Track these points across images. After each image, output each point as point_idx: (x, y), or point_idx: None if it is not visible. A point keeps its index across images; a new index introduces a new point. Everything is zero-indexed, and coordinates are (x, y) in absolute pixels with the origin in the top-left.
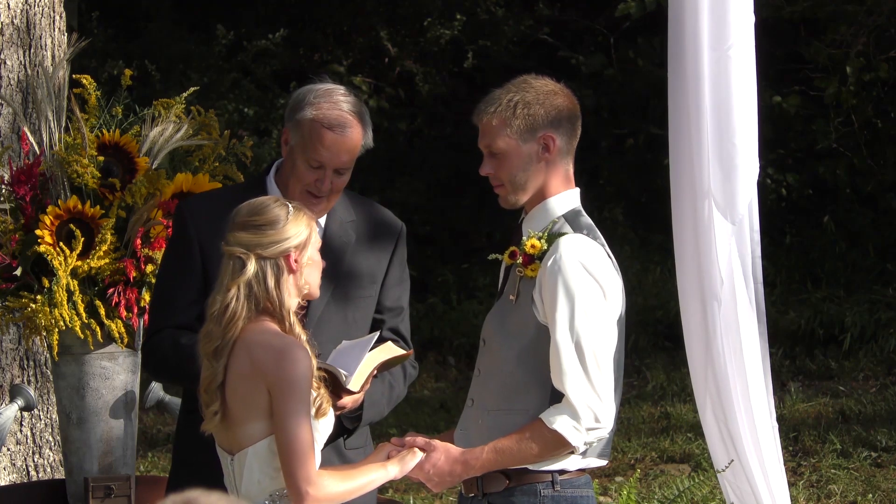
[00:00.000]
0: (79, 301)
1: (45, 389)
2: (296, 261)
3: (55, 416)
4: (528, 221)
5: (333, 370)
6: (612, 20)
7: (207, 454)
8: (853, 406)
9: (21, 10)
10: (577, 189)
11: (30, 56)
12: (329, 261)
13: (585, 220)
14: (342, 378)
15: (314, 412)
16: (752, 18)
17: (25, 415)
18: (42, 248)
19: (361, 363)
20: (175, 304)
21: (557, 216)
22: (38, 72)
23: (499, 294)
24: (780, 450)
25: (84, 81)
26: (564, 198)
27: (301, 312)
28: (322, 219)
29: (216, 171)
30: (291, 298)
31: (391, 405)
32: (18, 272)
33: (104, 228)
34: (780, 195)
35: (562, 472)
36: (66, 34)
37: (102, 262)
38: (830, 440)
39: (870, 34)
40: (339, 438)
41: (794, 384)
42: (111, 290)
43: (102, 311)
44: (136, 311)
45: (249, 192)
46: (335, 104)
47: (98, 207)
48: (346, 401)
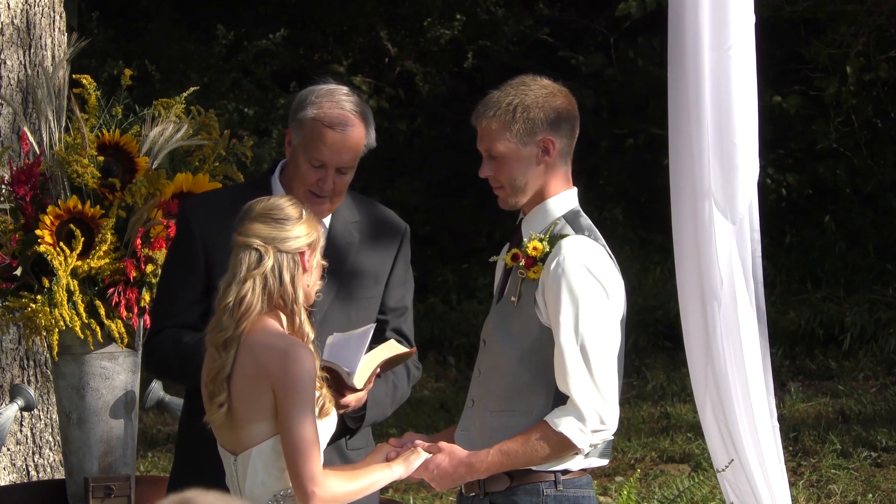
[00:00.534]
0: (79, 301)
1: (45, 389)
2: (308, 260)
3: (55, 416)
4: (528, 222)
5: (336, 367)
6: (612, 20)
7: (210, 454)
8: (853, 406)
9: (21, 10)
10: (575, 189)
11: (30, 56)
12: (333, 261)
13: (585, 221)
14: (345, 375)
15: (318, 412)
16: (753, 18)
17: (25, 415)
18: (42, 248)
19: (364, 360)
20: (177, 304)
21: (557, 217)
22: (38, 72)
23: (497, 295)
24: (781, 450)
25: (84, 81)
26: (563, 198)
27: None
28: (326, 219)
29: (216, 171)
30: (302, 296)
31: (395, 406)
32: (18, 272)
33: (104, 228)
34: (780, 195)
35: (565, 472)
36: (66, 34)
37: (102, 262)
38: (830, 440)
39: (870, 34)
40: (342, 438)
41: (794, 384)
42: (111, 290)
43: (102, 311)
44: (136, 311)
45: (253, 192)
46: (337, 103)
47: (98, 207)
48: (350, 399)
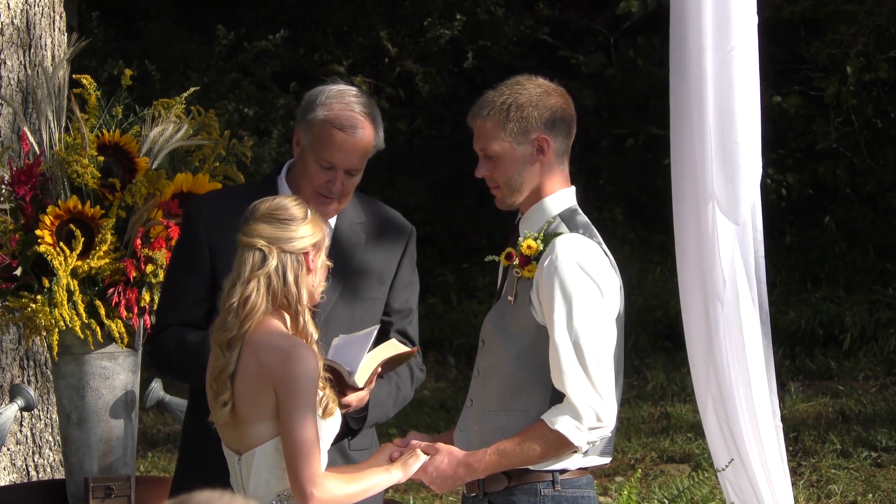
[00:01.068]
0: (79, 301)
1: (45, 389)
2: (312, 260)
3: (55, 416)
4: (525, 222)
5: (337, 366)
6: (613, 20)
7: (214, 453)
8: (853, 406)
9: (21, 10)
10: (573, 188)
11: (30, 56)
12: (338, 261)
13: (581, 219)
14: (346, 374)
15: (321, 412)
16: (756, 19)
17: (25, 415)
18: (42, 248)
19: (365, 359)
20: (182, 302)
21: (553, 216)
22: (38, 72)
23: (497, 295)
24: (784, 450)
25: (84, 81)
26: (560, 197)
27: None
28: (332, 220)
29: (216, 172)
30: (306, 296)
31: (397, 407)
32: (18, 272)
33: (104, 228)
34: (780, 195)
35: (562, 472)
36: (66, 34)
37: (102, 262)
38: (830, 440)
39: (870, 34)
40: (344, 439)
41: (794, 384)
42: (111, 290)
43: (102, 311)
44: (136, 311)
45: (259, 192)
46: (347, 105)
47: (98, 207)
48: (352, 399)
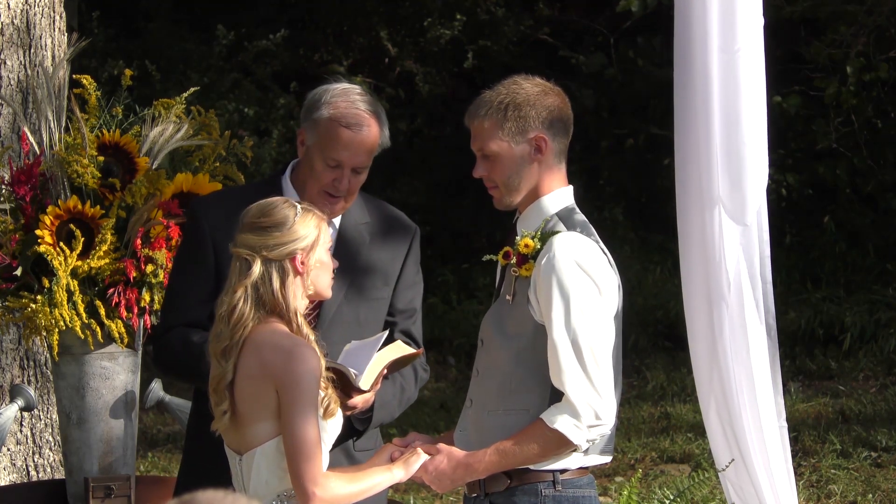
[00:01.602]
0: (79, 301)
1: (45, 389)
2: (302, 263)
3: (55, 416)
4: (523, 221)
5: (343, 369)
6: (613, 20)
7: (218, 455)
8: (853, 406)
9: (21, 10)
10: (570, 187)
11: (30, 56)
12: (343, 262)
13: (579, 218)
14: (352, 377)
15: (322, 412)
16: (762, 21)
17: (25, 415)
18: (42, 248)
19: (371, 362)
20: (187, 302)
21: (551, 214)
22: (38, 72)
23: (496, 294)
24: (789, 451)
25: (84, 81)
26: (557, 196)
27: (313, 313)
28: (337, 220)
29: (216, 172)
30: (298, 300)
31: (402, 407)
32: (18, 272)
33: (104, 228)
34: (780, 195)
35: (563, 472)
36: (66, 34)
37: (102, 263)
38: (830, 440)
39: (870, 34)
40: (349, 440)
41: (794, 384)
42: (111, 290)
43: (102, 311)
44: (136, 311)
45: (263, 192)
46: (352, 103)
47: (98, 207)
48: (357, 401)
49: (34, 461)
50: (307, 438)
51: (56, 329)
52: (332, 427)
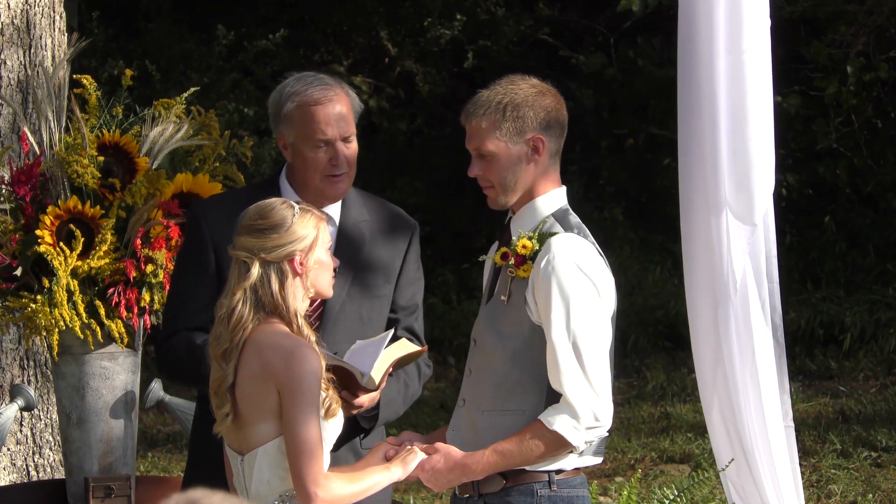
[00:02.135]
0: (79, 301)
1: (45, 389)
2: (301, 263)
3: (55, 416)
4: (517, 221)
5: (350, 368)
6: (613, 20)
7: (222, 457)
8: (853, 406)
9: (21, 10)
10: (564, 188)
11: (30, 56)
12: (344, 260)
13: (574, 219)
14: (359, 376)
15: (323, 413)
16: (768, 22)
17: (25, 415)
18: (42, 248)
19: (378, 360)
20: (189, 307)
21: (546, 215)
22: (38, 72)
23: (486, 294)
24: (795, 451)
25: (84, 81)
26: (552, 197)
27: (314, 313)
28: (336, 218)
29: (216, 172)
30: (298, 301)
31: (407, 404)
32: (18, 272)
33: (104, 228)
34: (780, 195)
35: (558, 472)
36: (66, 34)
37: (102, 262)
38: (830, 440)
39: (870, 34)
40: (356, 438)
41: (794, 384)
42: (111, 290)
43: (102, 311)
44: (136, 311)
45: (263, 193)
46: (310, 84)
47: (98, 207)
48: (363, 399)
49: (34, 461)
50: (309, 439)
51: (56, 329)
52: (333, 427)
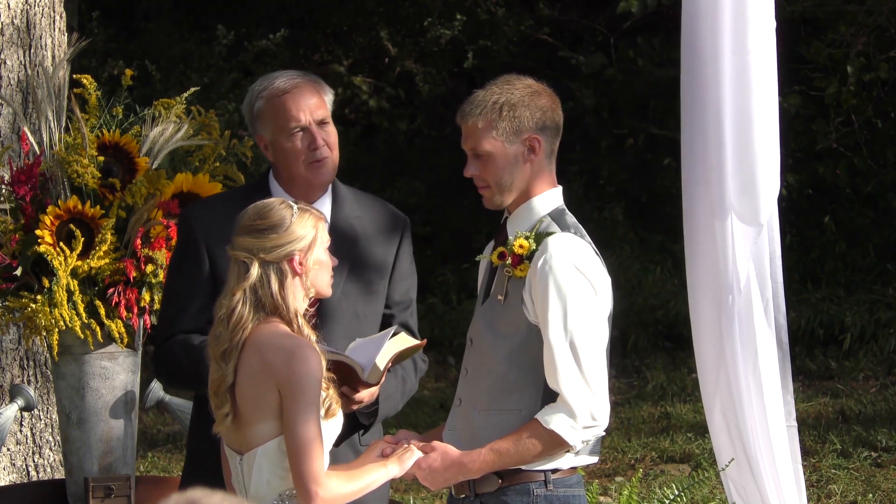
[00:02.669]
0: (79, 301)
1: (45, 389)
2: (300, 263)
3: (55, 416)
4: (513, 221)
5: (351, 363)
6: (612, 20)
7: (220, 457)
8: (853, 406)
9: (21, 10)
10: (560, 188)
11: (30, 56)
12: (338, 258)
13: (570, 219)
14: (360, 371)
15: (324, 413)
16: (774, 23)
17: (25, 415)
18: (42, 248)
19: (378, 355)
20: (185, 310)
21: (542, 215)
22: (38, 72)
23: (482, 294)
24: (799, 452)
25: (84, 81)
26: (548, 197)
27: (311, 310)
28: (328, 215)
29: (216, 172)
30: (298, 301)
31: (405, 399)
32: (18, 272)
33: (104, 228)
34: (780, 195)
35: (554, 471)
36: (66, 34)
37: (102, 262)
38: (830, 440)
39: (870, 34)
40: (355, 434)
41: (794, 384)
42: (111, 290)
43: (102, 311)
44: (136, 311)
45: (252, 194)
46: (275, 79)
47: (98, 207)
48: (363, 395)
49: (34, 461)
50: (309, 438)
51: (56, 329)
52: (333, 427)
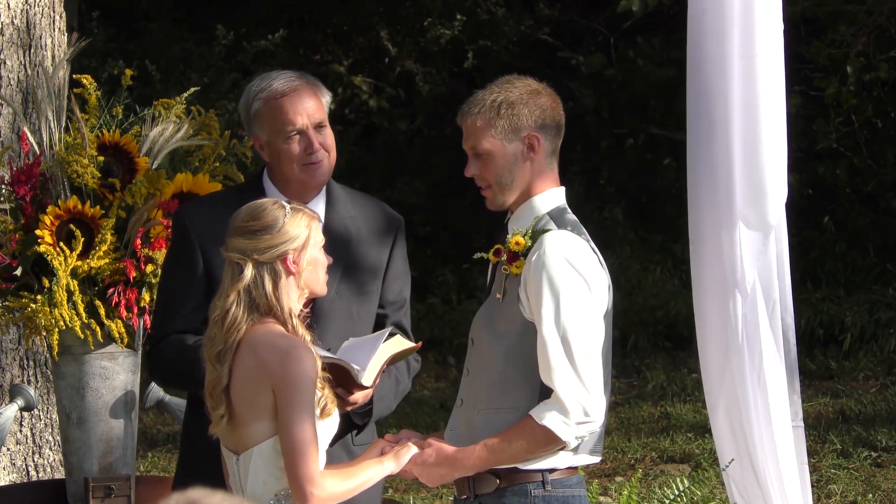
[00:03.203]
0: (79, 301)
1: (45, 389)
2: (294, 262)
3: (55, 416)
4: (514, 220)
5: (346, 365)
6: (612, 20)
7: (214, 456)
8: (853, 406)
9: (21, 10)
10: (563, 188)
11: (30, 56)
12: (332, 257)
13: (570, 217)
14: (355, 373)
15: (319, 412)
16: (781, 25)
17: (25, 415)
18: (42, 248)
19: (373, 357)
20: (179, 311)
21: (542, 214)
22: (38, 72)
23: (486, 293)
24: (805, 452)
25: (84, 81)
26: (549, 196)
27: (306, 310)
28: (322, 215)
29: (216, 172)
30: (293, 301)
31: (398, 399)
32: (18, 272)
33: (104, 228)
34: None
35: (552, 471)
36: (66, 34)
37: (102, 262)
38: (830, 440)
39: (870, 34)
40: (348, 434)
41: None
42: (111, 290)
43: (102, 311)
44: (136, 311)
45: (247, 194)
46: (273, 80)
47: (98, 207)
48: (357, 396)
49: (34, 461)
50: (304, 438)
51: (56, 329)
52: (328, 427)
